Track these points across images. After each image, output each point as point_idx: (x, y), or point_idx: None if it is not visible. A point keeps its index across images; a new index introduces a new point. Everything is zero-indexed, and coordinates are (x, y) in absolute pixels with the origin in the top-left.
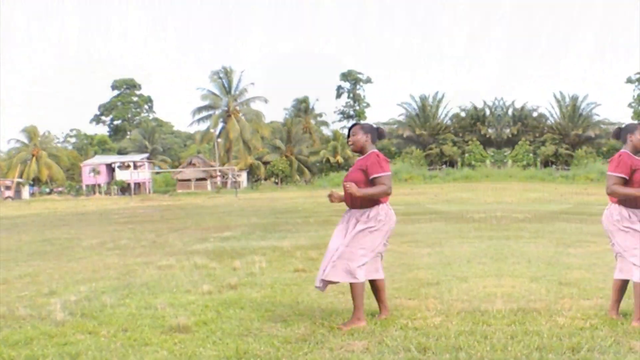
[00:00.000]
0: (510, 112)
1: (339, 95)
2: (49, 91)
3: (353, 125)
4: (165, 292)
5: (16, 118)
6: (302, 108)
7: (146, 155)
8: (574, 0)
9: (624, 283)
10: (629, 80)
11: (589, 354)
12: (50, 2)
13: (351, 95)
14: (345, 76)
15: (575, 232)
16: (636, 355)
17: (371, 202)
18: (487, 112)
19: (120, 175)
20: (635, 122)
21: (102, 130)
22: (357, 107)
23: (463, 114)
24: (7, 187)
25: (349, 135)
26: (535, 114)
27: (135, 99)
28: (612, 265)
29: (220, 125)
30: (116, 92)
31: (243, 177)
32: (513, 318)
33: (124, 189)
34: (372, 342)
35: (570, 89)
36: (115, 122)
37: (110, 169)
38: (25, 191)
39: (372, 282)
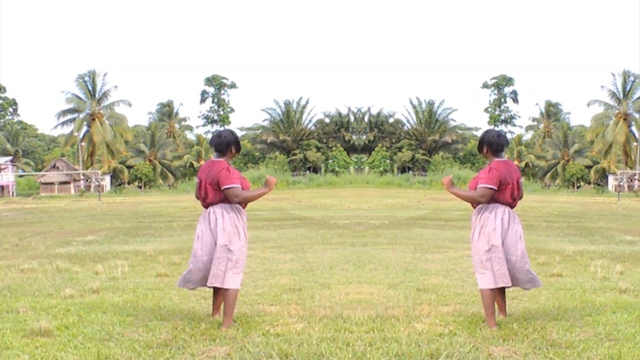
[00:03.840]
0: (366, 118)
1: (203, 100)
2: None
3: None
4: (27, 296)
5: None
6: (166, 112)
7: (10, 158)
8: (429, 7)
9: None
10: (485, 85)
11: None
12: None
13: (215, 100)
14: (210, 81)
15: (432, 237)
16: None
17: None
18: (352, 118)
19: None
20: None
21: None
22: (222, 112)
23: (327, 120)
24: None
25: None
26: (391, 120)
27: None
28: (470, 270)
29: (85, 128)
30: None
31: (106, 180)
32: (371, 325)
33: None
34: (234, 347)
35: (427, 94)
36: None
37: None
38: None
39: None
